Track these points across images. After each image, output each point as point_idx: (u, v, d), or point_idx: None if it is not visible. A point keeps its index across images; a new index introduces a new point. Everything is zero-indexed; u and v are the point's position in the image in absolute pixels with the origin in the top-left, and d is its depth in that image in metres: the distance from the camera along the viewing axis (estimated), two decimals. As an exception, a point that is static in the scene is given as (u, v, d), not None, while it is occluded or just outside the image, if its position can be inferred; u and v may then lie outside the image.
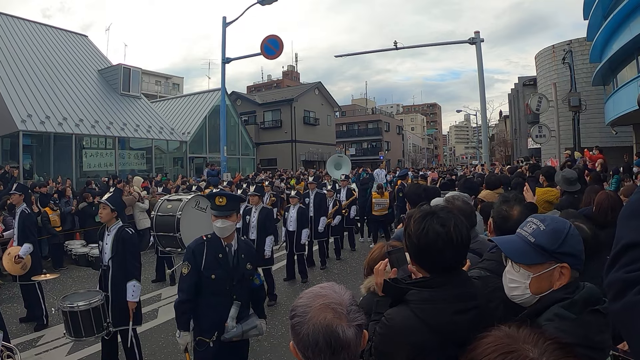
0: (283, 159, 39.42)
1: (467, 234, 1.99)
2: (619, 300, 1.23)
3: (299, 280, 9.77)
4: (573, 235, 1.79)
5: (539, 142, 19.76)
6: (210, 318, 3.93)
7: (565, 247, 1.76)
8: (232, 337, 3.89)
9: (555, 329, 1.61)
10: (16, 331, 7.05)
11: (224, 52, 19.73)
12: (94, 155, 20.72)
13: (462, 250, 1.97)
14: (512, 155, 46.02)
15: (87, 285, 9.26)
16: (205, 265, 3.91)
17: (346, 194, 13.49)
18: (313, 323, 1.32)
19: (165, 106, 31.93)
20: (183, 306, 3.93)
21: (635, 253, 1.25)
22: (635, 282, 1.20)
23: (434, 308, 1.86)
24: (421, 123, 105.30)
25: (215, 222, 3.95)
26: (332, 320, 1.32)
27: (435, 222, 1.95)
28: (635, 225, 1.30)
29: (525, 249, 1.81)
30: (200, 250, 3.94)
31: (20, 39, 22.77)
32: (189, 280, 3.89)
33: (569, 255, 1.77)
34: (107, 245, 5.12)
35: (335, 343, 1.30)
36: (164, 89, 49.85)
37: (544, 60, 31.96)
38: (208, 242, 3.99)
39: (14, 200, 7.72)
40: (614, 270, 1.29)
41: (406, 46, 21.51)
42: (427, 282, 1.95)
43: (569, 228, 1.80)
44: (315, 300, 1.37)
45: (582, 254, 1.80)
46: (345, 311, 1.35)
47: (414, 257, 2.04)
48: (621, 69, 21.00)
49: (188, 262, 3.91)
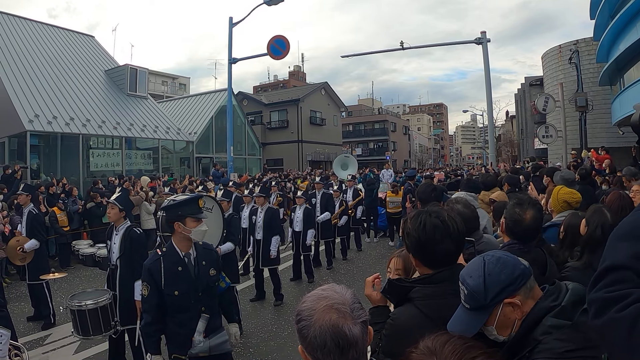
0: (289, 159, 39.43)
1: (461, 223, 2.10)
2: (599, 317, 1.27)
3: (306, 281, 9.78)
4: (491, 274, 1.67)
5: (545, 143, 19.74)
6: (181, 336, 3.64)
7: (492, 292, 1.66)
8: (198, 352, 3.61)
9: (556, 340, 1.60)
10: (24, 330, 7.11)
11: (231, 52, 19.76)
12: (101, 155, 20.79)
13: (459, 238, 2.06)
14: (518, 155, 45.91)
15: (94, 284, 9.30)
16: (166, 283, 3.58)
17: (352, 194, 13.51)
18: (319, 325, 1.33)
19: (172, 106, 32.00)
20: (149, 328, 3.66)
21: (616, 275, 1.29)
22: (615, 301, 1.24)
23: (438, 303, 1.92)
24: (427, 123, 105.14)
25: (200, 226, 3.71)
26: (337, 320, 1.33)
27: (430, 216, 2.06)
28: (621, 247, 1.33)
29: (470, 318, 1.73)
30: (157, 267, 3.61)
31: (28, 39, 22.90)
32: (151, 300, 3.59)
33: (502, 292, 1.67)
34: (115, 244, 5.15)
35: (343, 342, 1.31)
36: (171, 89, 49.93)
37: (551, 60, 31.88)
38: (164, 256, 3.66)
39: (21, 201, 7.78)
40: (595, 289, 1.32)
41: (412, 46, 21.50)
42: (430, 278, 2.02)
43: (483, 270, 1.69)
44: (318, 303, 1.38)
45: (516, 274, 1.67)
46: (349, 310, 1.36)
47: (416, 253, 2.10)
48: (628, 69, 20.95)
49: (147, 282, 3.60)
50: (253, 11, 18.61)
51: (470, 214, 3.22)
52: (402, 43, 20.91)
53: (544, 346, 1.61)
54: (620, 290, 1.25)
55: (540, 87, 35.08)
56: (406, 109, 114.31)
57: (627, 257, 1.29)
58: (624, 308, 1.21)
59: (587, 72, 27.48)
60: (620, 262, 1.29)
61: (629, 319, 1.18)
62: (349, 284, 1.50)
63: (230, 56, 19.78)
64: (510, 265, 1.69)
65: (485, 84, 20.05)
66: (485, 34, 19.60)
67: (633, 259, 1.28)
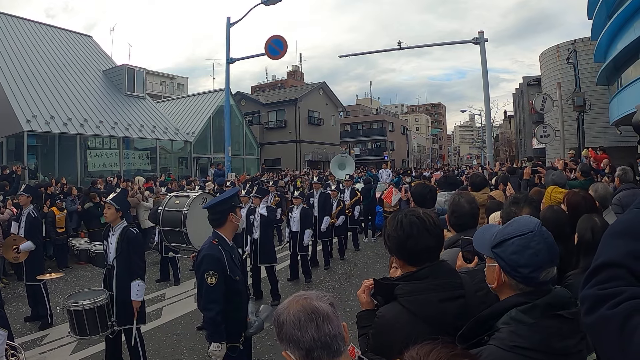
0: (287, 159, 39.35)
1: (436, 218, 2.19)
2: (591, 315, 1.28)
3: (303, 281, 9.77)
4: (514, 243, 1.72)
5: (543, 142, 19.78)
6: (236, 321, 3.88)
7: (499, 249, 1.76)
8: (255, 331, 3.93)
9: (509, 332, 1.63)
10: (21, 330, 7.10)
11: (228, 52, 19.79)
12: (99, 156, 20.74)
13: (437, 232, 2.13)
14: (516, 155, 45.92)
15: (91, 284, 9.31)
16: (229, 269, 3.85)
17: (350, 194, 13.51)
18: (292, 309, 1.48)
19: (170, 106, 31.94)
20: (219, 317, 3.73)
21: (610, 271, 1.30)
22: (607, 298, 1.24)
23: (421, 298, 1.98)
24: (426, 123, 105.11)
25: (240, 215, 4.16)
26: (305, 300, 1.50)
27: (405, 215, 2.15)
28: (616, 245, 1.33)
29: (486, 240, 1.86)
30: (221, 255, 3.83)
31: (25, 39, 22.86)
32: (219, 288, 3.75)
33: (499, 258, 1.76)
34: (111, 244, 5.16)
35: (316, 315, 1.45)
36: (169, 89, 49.83)
37: (549, 60, 31.91)
38: (221, 245, 3.89)
39: (21, 202, 7.79)
40: (588, 286, 1.33)
41: (410, 46, 21.56)
42: (413, 275, 2.07)
43: (515, 236, 1.74)
44: (289, 299, 1.54)
45: (519, 267, 1.71)
46: (314, 295, 1.53)
47: (397, 253, 2.17)
48: (626, 69, 20.98)
49: (215, 270, 3.74)
50: (251, 11, 18.68)
51: (469, 210, 3.21)
52: (400, 43, 20.95)
53: (498, 334, 1.66)
54: (614, 287, 1.25)
55: (538, 86, 35.12)
56: (404, 109, 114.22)
57: (621, 255, 1.29)
58: (616, 305, 1.21)
59: (585, 72, 27.51)
60: (614, 260, 1.30)
61: (621, 316, 1.18)
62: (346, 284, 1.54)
63: (228, 56, 19.82)
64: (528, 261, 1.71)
65: (482, 83, 20.08)
66: (482, 33, 19.65)
67: (627, 256, 1.28)
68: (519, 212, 2.98)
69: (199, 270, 3.83)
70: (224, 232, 3.99)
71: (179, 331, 7.08)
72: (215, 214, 3.99)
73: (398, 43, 20.90)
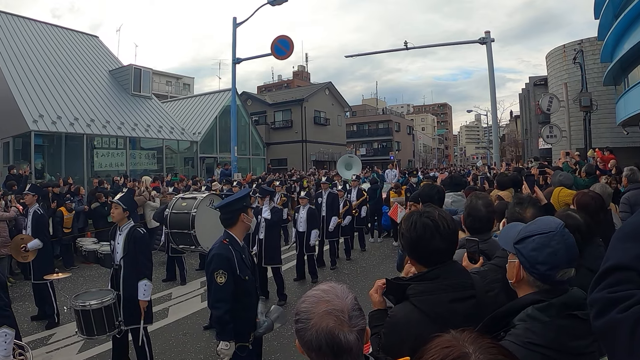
0: (293, 159, 39.37)
1: (452, 222, 2.16)
2: (601, 318, 1.27)
3: (309, 281, 9.79)
4: (534, 241, 1.79)
5: (549, 143, 19.71)
6: (245, 321, 3.93)
7: (520, 245, 1.83)
8: (263, 332, 3.95)
9: (525, 329, 1.67)
10: (28, 329, 7.13)
11: (235, 52, 19.80)
12: (105, 155, 20.77)
13: (450, 236, 2.12)
14: (523, 155, 45.77)
15: (98, 284, 9.34)
16: (239, 268, 3.90)
17: (356, 194, 13.51)
18: (316, 329, 1.37)
19: (176, 106, 31.98)
20: (227, 316, 3.80)
21: (620, 275, 1.29)
22: (618, 301, 1.24)
23: (432, 298, 1.99)
24: (432, 123, 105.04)
25: (251, 216, 4.20)
26: (334, 328, 1.35)
27: (421, 216, 2.15)
28: (625, 248, 1.32)
29: (510, 237, 1.92)
30: (231, 254, 3.89)
31: (32, 39, 22.93)
32: (228, 287, 3.81)
33: (520, 253, 1.83)
34: (118, 244, 5.17)
35: (338, 349, 1.35)
36: (175, 89, 49.91)
37: (555, 60, 31.81)
38: (231, 245, 3.95)
39: (27, 201, 7.82)
40: (597, 289, 1.32)
41: (416, 46, 21.47)
42: (424, 275, 2.09)
43: (537, 234, 1.81)
44: (317, 307, 1.41)
45: (537, 264, 1.78)
46: (346, 317, 1.38)
47: (410, 252, 2.20)
48: (632, 69, 20.86)
49: (224, 270, 3.81)
50: (257, 11, 18.66)
51: (485, 214, 3.16)
52: (406, 43, 20.89)
53: (514, 330, 1.70)
54: (624, 290, 1.24)
55: (545, 87, 35.00)
56: (410, 109, 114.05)
57: (631, 258, 1.28)
58: (627, 309, 1.20)
59: (592, 72, 27.40)
60: (624, 262, 1.28)
61: (632, 320, 1.17)
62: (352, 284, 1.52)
63: (234, 56, 19.82)
64: (548, 259, 1.77)
65: (489, 83, 20.01)
66: (489, 33, 19.55)
67: (637, 259, 1.27)
68: (523, 212, 2.98)
69: (209, 269, 3.88)
70: (235, 232, 4.04)
71: (186, 331, 7.09)
72: (226, 213, 4.05)
73: (404, 43, 20.84)
